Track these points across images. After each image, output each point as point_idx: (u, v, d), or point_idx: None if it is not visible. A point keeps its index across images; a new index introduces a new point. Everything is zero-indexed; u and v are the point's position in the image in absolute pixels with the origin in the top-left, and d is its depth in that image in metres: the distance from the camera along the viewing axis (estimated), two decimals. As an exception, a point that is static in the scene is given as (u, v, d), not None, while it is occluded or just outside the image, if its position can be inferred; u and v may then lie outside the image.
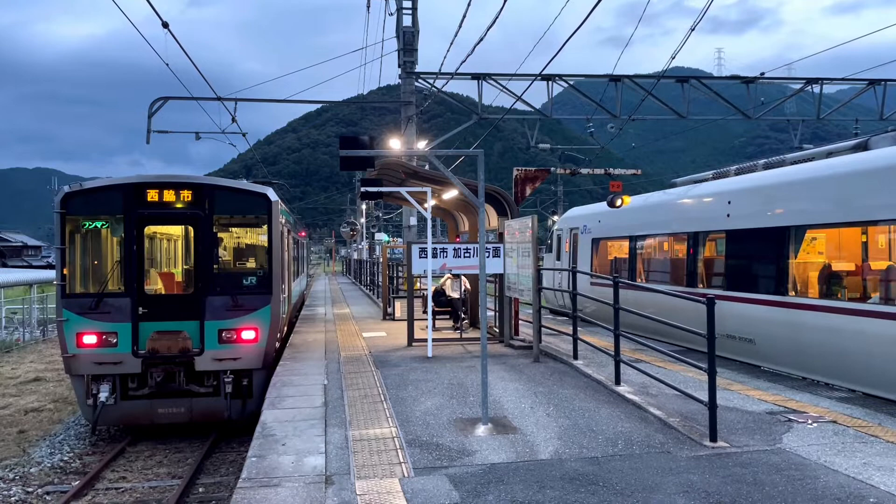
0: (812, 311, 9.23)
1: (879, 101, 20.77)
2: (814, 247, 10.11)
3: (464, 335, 13.98)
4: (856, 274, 9.25)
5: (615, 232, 16.75)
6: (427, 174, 13.50)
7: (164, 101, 19.92)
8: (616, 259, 16.98)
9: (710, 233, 12.31)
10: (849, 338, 8.26)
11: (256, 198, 11.68)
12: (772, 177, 11.13)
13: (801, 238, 9.97)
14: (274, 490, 5.53)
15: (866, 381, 8.44)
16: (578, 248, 18.78)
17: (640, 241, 15.44)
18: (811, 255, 10.13)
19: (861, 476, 5.64)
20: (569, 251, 19.54)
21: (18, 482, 9.78)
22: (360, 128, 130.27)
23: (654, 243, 15.09)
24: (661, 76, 16.97)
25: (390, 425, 7.36)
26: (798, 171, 10.47)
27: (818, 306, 9.18)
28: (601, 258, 17.56)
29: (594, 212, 18.50)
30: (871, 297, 8.78)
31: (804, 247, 10.04)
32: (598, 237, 17.69)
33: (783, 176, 10.77)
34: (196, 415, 11.26)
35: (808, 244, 10.03)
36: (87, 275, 11.47)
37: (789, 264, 9.94)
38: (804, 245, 10.03)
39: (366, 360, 11.43)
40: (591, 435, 6.90)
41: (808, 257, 10.13)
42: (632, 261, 15.65)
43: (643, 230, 15.16)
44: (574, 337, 10.82)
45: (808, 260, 10.09)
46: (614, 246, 17.12)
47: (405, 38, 19.71)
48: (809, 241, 10.02)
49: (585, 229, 18.40)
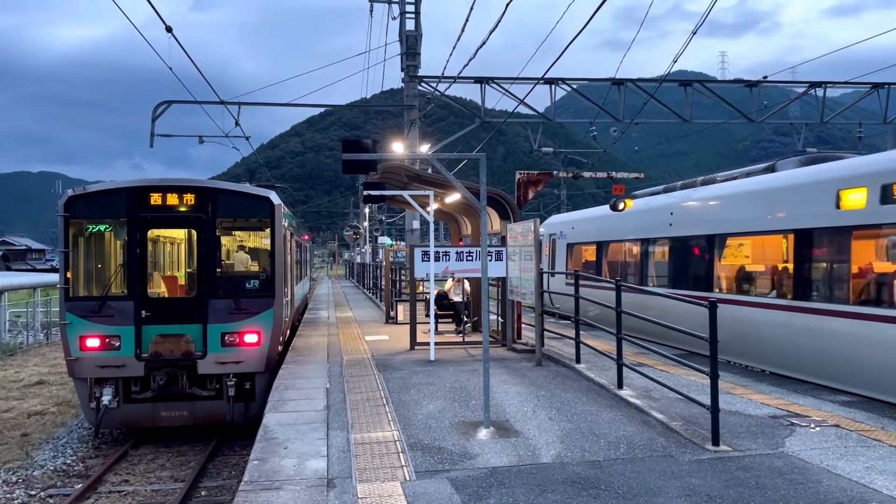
0: (726, 305, 10.36)
1: (883, 105, 20.74)
2: (734, 251, 12.05)
3: (466, 339, 13.97)
4: (765, 274, 11.15)
5: (585, 237, 18.70)
6: (430, 178, 13.52)
7: (168, 104, 19.98)
8: (586, 261, 18.70)
9: (658, 239, 14.25)
10: (761, 326, 9.68)
11: (259, 201, 11.69)
12: (702, 193, 13.08)
13: (723, 244, 11.89)
14: (276, 493, 5.53)
15: (771, 361, 10.11)
16: (556, 251, 20.72)
17: (604, 246, 17.34)
18: (732, 259, 12.05)
19: (864, 480, 5.62)
20: (549, 254, 21.18)
21: (21, 485, 9.80)
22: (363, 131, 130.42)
23: (616, 247, 16.88)
24: (663, 80, 16.98)
25: (392, 429, 7.36)
26: (720, 188, 12.47)
27: (732, 300, 10.94)
28: (575, 261, 19.31)
29: (569, 219, 21.00)
30: (770, 293, 10.56)
31: (726, 251, 12.00)
32: (572, 242, 19.68)
33: (709, 192, 12.71)
34: (199, 418, 11.27)
35: (729, 249, 12.00)
36: (90, 278, 11.50)
37: (714, 266, 11.93)
38: (726, 250, 11.97)
39: (368, 364, 11.44)
40: (594, 438, 6.90)
41: (730, 260, 12.02)
42: (598, 263, 17.56)
43: (607, 236, 17.02)
44: (576, 341, 10.81)
45: (729, 262, 12.02)
46: (587, 250, 18.79)
47: (408, 41, 19.75)
48: (730, 246, 11.96)
49: (562, 235, 20.34)
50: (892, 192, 8.11)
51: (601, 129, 23.15)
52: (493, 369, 10.01)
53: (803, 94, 21.51)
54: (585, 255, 18.79)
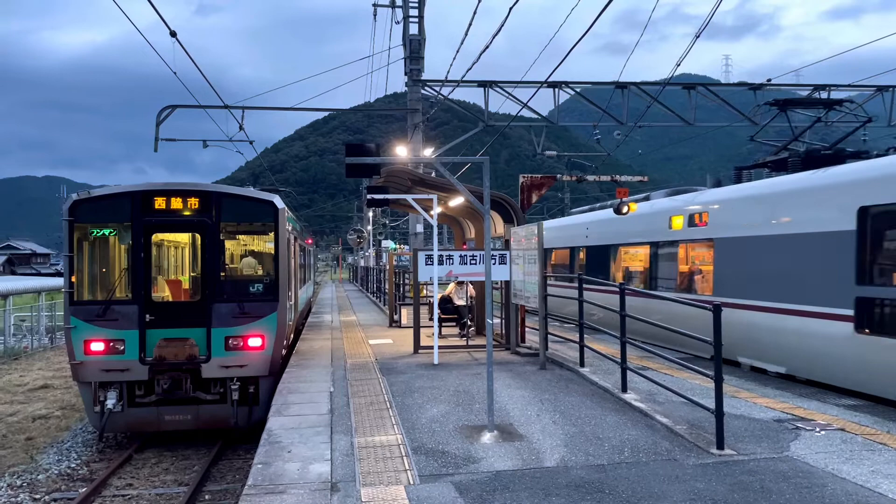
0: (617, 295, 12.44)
1: (888, 108, 20.71)
2: (624, 256, 16.35)
3: (470, 342, 13.96)
4: (642, 273, 15.13)
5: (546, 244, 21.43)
6: (433, 181, 13.52)
7: (172, 109, 20.04)
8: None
9: (580, 247, 18.88)
10: (640, 311, 10.70)
11: (263, 205, 11.70)
12: (599, 214, 18.38)
13: (616, 252, 16.49)
14: (279, 497, 5.53)
15: (637, 333, 11.09)
16: None
17: (550, 252, 21.25)
18: (623, 262, 16.32)
19: (869, 484, 5.60)
20: None
21: (26, 489, 9.81)
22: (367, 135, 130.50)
23: (559, 253, 21.24)
24: (667, 83, 16.97)
25: (396, 432, 7.36)
26: (603, 214, 17.86)
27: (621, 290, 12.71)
28: None
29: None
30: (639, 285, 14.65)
31: (619, 257, 16.42)
32: None
33: (609, 215, 16.77)
34: (202, 422, 11.27)
35: (620, 255, 16.38)
36: (94, 282, 11.51)
37: (610, 266, 16.56)
38: (618, 256, 16.43)
39: (372, 368, 11.44)
40: (598, 442, 6.88)
41: (622, 263, 16.35)
42: (549, 264, 21.05)
43: (553, 244, 20.84)
44: (580, 344, 10.80)
45: (622, 264, 16.30)
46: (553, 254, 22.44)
47: (412, 46, 19.79)
48: (622, 252, 16.33)
49: None
50: (694, 219, 12.71)
51: (605, 132, 23.15)
52: (496, 373, 10.00)
53: (808, 97, 21.47)
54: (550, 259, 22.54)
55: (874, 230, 8.58)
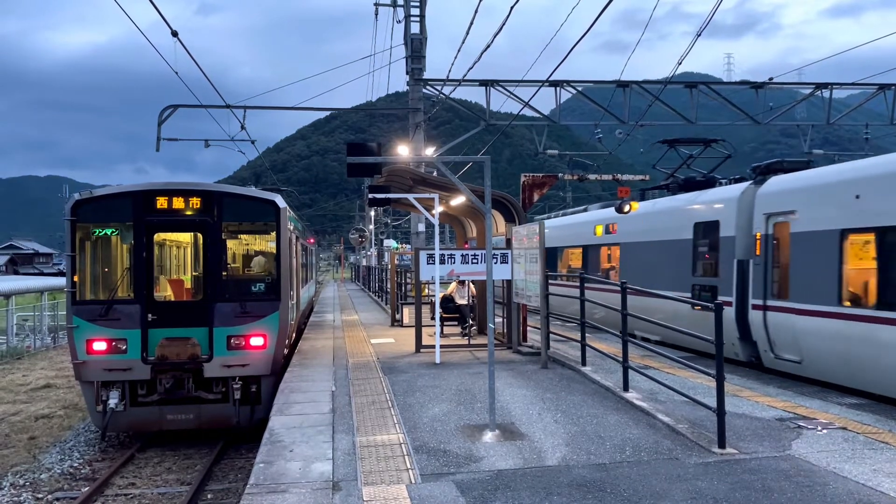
0: (566, 288, 17.30)
1: (890, 106, 20.68)
2: (569, 256, 20.19)
3: (472, 341, 13.97)
4: (582, 269, 17.75)
5: None
6: (435, 181, 13.52)
7: (174, 109, 20.05)
8: None
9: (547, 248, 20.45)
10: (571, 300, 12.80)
11: (265, 205, 11.71)
12: (556, 221, 21.41)
13: (562, 253, 20.42)
14: (281, 496, 5.54)
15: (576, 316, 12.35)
16: None
17: None
18: (568, 261, 20.23)
19: (871, 483, 5.60)
20: None
21: (29, 488, 9.83)
22: (368, 135, 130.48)
23: None
24: (668, 82, 16.97)
25: (398, 431, 7.36)
26: (562, 220, 21.35)
27: (566, 284, 17.93)
28: None
29: None
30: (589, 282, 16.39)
31: (565, 256, 20.44)
32: None
33: (558, 222, 20.92)
34: (205, 421, 11.29)
35: (566, 255, 20.37)
36: (97, 282, 11.53)
37: (558, 265, 20.37)
38: (564, 256, 20.45)
39: (374, 367, 11.44)
40: (599, 441, 6.88)
41: (568, 262, 20.20)
42: None
43: None
44: (582, 343, 10.80)
45: (568, 263, 20.06)
46: None
47: (413, 45, 19.79)
48: (567, 253, 20.30)
49: None
50: (608, 228, 16.82)
51: (606, 131, 23.11)
52: (498, 372, 10.01)
53: (810, 95, 21.46)
54: None
55: (698, 238, 12.75)
